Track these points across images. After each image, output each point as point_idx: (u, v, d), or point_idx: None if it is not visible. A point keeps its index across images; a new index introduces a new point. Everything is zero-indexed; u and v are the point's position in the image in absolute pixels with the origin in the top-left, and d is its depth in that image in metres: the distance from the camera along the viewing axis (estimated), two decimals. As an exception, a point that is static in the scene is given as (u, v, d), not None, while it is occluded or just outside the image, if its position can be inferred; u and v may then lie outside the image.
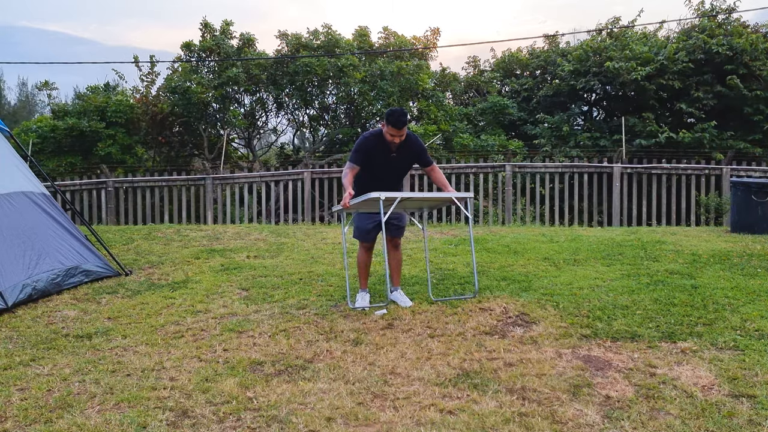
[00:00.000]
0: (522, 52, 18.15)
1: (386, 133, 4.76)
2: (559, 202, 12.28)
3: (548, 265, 6.32)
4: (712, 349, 4.01)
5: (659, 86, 14.03)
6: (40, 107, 29.12)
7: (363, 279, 5.16)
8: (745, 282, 5.55)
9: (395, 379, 3.61)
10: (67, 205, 9.10)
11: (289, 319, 4.74)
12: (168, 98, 14.84)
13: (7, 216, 5.52)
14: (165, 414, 3.19)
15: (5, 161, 5.96)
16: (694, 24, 15.38)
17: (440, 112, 15.08)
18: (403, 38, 16.15)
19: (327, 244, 7.77)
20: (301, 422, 3.09)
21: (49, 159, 13.99)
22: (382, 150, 4.82)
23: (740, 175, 11.42)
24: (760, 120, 13.84)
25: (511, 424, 3.06)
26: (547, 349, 4.05)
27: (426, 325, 4.55)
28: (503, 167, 12.11)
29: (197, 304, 5.17)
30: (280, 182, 12.67)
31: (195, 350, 4.09)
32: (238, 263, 6.65)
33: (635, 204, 12.01)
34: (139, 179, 12.11)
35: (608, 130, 14.81)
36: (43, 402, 3.35)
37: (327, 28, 15.43)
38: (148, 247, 7.68)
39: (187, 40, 15.14)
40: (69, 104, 16.50)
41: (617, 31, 16.23)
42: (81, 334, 4.43)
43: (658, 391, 3.42)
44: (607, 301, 4.99)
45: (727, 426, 3.03)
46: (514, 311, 4.83)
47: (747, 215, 8.34)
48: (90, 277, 5.94)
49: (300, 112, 16.69)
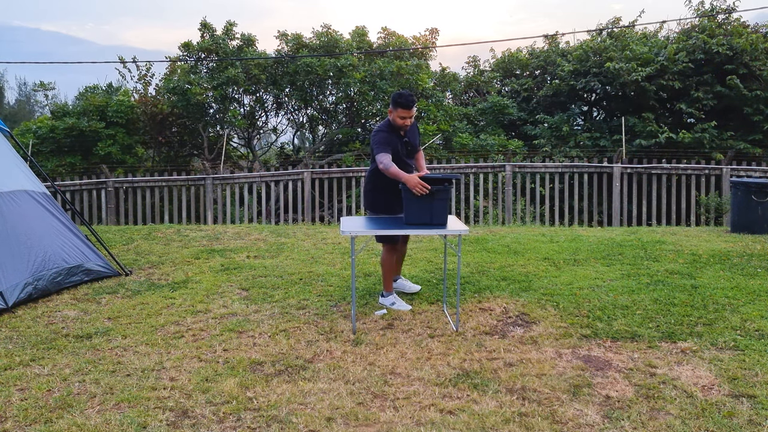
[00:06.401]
0: (522, 52, 18.14)
1: (396, 118, 4.72)
2: (559, 202, 12.28)
3: (548, 265, 6.32)
4: (712, 349, 4.01)
5: (659, 86, 14.03)
6: (40, 107, 29.13)
7: (389, 282, 5.04)
8: (745, 282, 5.55)
9: (395, 379, 3.61)
10: (67, 205, 9.10)
11: (289, 319, 4.74)
12: (168, 99, 14.85)
13: (10, 213, 5.52)
14: (165, 414, 3.19)
15: (6, 160, 5.96)
16: (694, 24, 15.39)
17: (440, 112, 15.08)
18: (402, 38, 16.15)
19: (327, 244, 7.77)
20: (301, 422, 3.09)
21: (49, 159, 13.98)
22: (397, 137, 4.81)
23: (740, 175, 11.43)
24: (760, 120, 13.84)
25: (511, 424, 3.06)
26: (547, 349, 4.05)
27: (426, 325, 4.55)
28: (503, 167, 12.11)
29: (197, 304, 5.17)
30: (280, 182, 12.67)
31: (195, 350, 4.09)
32: (238, 263, 6.65)
33: (635, 204, 12.01)
34: (139, 179, 12.11)
35: (608, 130, 14.81)
36: (43, 402, 3.35)
37: (326, 28, 15.43)
38: (148, 247, 7.68)
39: (186, 41, 15.15)
40: (68, 104, 16.51)
41: (617, 32, 16.23)
42: (81, 334, 4.43)
43: (658, 391, 3.42)
44: (607, 301, 5.00)
45: (727, 426, 3.03)
46: (514, 311, 4.83)
47: (747, 215, 8.35)
48: (91, 276, 5.94)
49: (300, 112, 16.69)
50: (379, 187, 4.89)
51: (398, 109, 4.69)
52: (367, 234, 4.42)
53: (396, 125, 4.75)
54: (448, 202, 4.51)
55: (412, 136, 4.93)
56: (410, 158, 4.94)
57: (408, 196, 4.42)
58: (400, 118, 4.71)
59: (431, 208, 4.40)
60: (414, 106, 4.71)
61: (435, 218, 4.42)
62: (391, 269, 5.02)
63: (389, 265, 4.99)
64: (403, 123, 4.73)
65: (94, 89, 15.66)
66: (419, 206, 4.41)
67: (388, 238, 4.92)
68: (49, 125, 14.27)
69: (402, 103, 4.67)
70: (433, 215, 4.42)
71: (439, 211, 4.41)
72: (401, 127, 4.77)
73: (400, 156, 4.79)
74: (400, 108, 4.68)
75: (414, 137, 4.93)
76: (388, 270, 5.00)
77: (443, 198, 4.41)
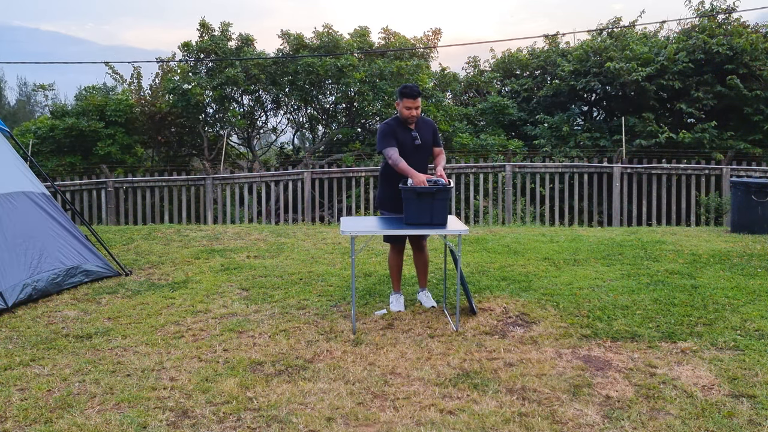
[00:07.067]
0: (522, 52, 18.14)
1: (402, 109, 4.78)
2: (559, 202, 12.28)
3: (548, 265, 6.32)
4: (712, 349, 4.01)
5: (659, 86, 14.03)
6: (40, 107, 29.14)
7: (395, 281, 5.11)
8: (745, 282, 5.55)
9: (395, 379, 3.61)
10: (67, 205, 9.09)
11: (289, 319, 4.74)
12: (167, 99, 14.85)
13: (8, 216, 5.52)
14: (165, 414, 3.19)
15: (5, 161, 5.96)
16: (694, 24, 15.38)
17: (440, 112, 15.07)
18: (402, 38, 16.15)
19: (327, 244, 7.77)
20: (301, 422, 3.09)
21: (49, 159, 13.98)
22: (404, 131, 4.83)
23: (740, 175, 11.42)
24: (760, 120, 13.84)
25: (511, 424, 3.06)
26: (547, 349, 4.05)
27: (426, 325, 4.55)
28: (503, 167, 12.11)
29: (197, 304, 5.17)
30: (280, 182, 12.67)
31: (195, 350, 4.09)
32: (238, 263, 6.64)
33: (635, 204, 12.01)
34: (139, 179, 12.11)
35: (608, 130, 14.81)
36: (43, 402, 3.35)
37: (327, 28, 15.43)
38: (148, 247, 7.68)
39: (185, 41, 15.16)
40: (68, 104, 16.51)
41: (617, 32, 16.23)
42: (81, 334, 4.43)
43: (658, 391, 3.42)
44: (607, 301, 5.00)
45: (727, 426, 3.03)
46: (514, 311, 4.83)
47: (747, 215, 8.35)
48: (90, 277, 5.94)
49: (300, 112, 16.69)
50: (386, 184, 4.92)
51: (404, 99, 4.77)
52: (367, 234, 4.43)
53: (403, 117, 4.82)
54: (448, 203, 4.51)
55: (425, 132, 4.93)
56: (422, 155, 4.91)
57: (408, 197, 4.42)
58: (406, 109, 4.78)
59: (431, 208, 4.40)
60: (419, 97, 4.79)
61: (435, 218, 4.43)
62: (394, 269, 5.07)
63: (392, 264, 5.08)
64: (410, 114, 4.78)
65: (93, 89, 15.66)
66: (419, 206, 4.41)
67: (391, 238, 4.99)
68: (48, 125, 14.27)
69: (406, 93, 4.76)
70: (433, 215, 4.42)
71: (439, 211, 4.42)
72: (408, 119, 4.81)
73: (408, 149, 4.81)
74: (405, 98, 4.76)
75: (426, 134, 4.93)
76: (391, 269, 5.10)
77: (443, 198, 4.42)
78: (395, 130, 4.81)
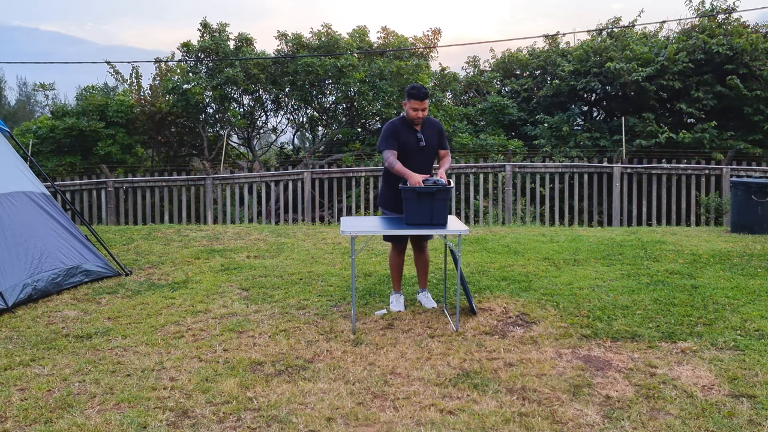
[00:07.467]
0: (522, 52, 18.14)
1: (409, 110, 4.78)
2: (559, 202, 12.28)
3: (548, 265, 6.32)
4: (712, 349, 4.01)
5: (659, 87, 14.03)
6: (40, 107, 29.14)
7: (396, 281, 5.11)
8: (745, 282, 5.55)
9: (395, 379, 3.61)
10: (67, 205, 9.09)
11: (289, 319, 4.74)
12: (167, 99, 14.85)
13: (8, 215, 5.52)
14: (165, 414, 3.19)
15: (5, 161, 5.96)
16: (694, 24, 15.38)
17: (440, 112, 15.07)
18: (402, 38, 16.14)
19: (327, 244, 7.77)
20: (301, 422, 3.09)
21: (49, 159, 13.98)
22: (409, 132, 4.83)
23: (740, 175, 11.42)
24: (760, 120, 13.84)
25: (511, 424, 3.06)
26: (547, 349, 4.05)
27: (426, 325, 4.55)
28: (503, 167, 12.11)
29: (197, 304, 5.17)
30: (280, 182, 12.67)
31: (195, 350, 4.09)
32: (238, 263, 6.65)
33: (635, 204, 12.01)
34: (139, 179, 12.11)
35: (608, 130, 14.81)
36: (43, 402, 3.35)
37: (327, 27, 15.42)
38: (148, 247, 7.68)
39: (185, 41, 15.16)
40: (68, 104, 16.51)
41: (617, 32, 16.22)
42: (81, 334, 4.43)
43: (658, 391, 3.42)
44: (607, 301, 5.00)
45: (727, 426, 3.03)
46: (514, 311, 4.83)
47: (747, 215, 8.35)
48: (90, 277, 5.94)
49: (300, 112, 16.69)
50: (387, 184, 4.93)
51: (411, 100, 4.76)
52: (367, 234, 4.43)
53: (409, 117, 4.81)
54: (448, 203, 4.51)
55: (430, 134, 4.92)
56: (426, 156, 4.90)
57: (408, 197, 4.43)
58: (412, 110, 4.78)
59: (431, 208, 4.41)
60: (426, 99, 4.78)
61: (435, 218, 4.43)
62: (395, 269, 5.07)
63: (393, 264, 5.09)
64: (416, 115, 4.78)
65: (93, 89, 15.67)
66: (419, 206, 4.41)
67: (393, 237, 4.99)
68: (49, 125, 14.27)
69: (414, 94, 4.75)
70: (433, 215, 4.42)
71: (439, 211, 4.42)
72: (414, 120, 4.80)
73: (412, 150, 4.80)
74: (412, 99, 4.75)
75: (432, 136, 4.92)
76: (391, 268, 5.11)
77: (443, 198, 4.42)
78: (399, 130, 4.80)
